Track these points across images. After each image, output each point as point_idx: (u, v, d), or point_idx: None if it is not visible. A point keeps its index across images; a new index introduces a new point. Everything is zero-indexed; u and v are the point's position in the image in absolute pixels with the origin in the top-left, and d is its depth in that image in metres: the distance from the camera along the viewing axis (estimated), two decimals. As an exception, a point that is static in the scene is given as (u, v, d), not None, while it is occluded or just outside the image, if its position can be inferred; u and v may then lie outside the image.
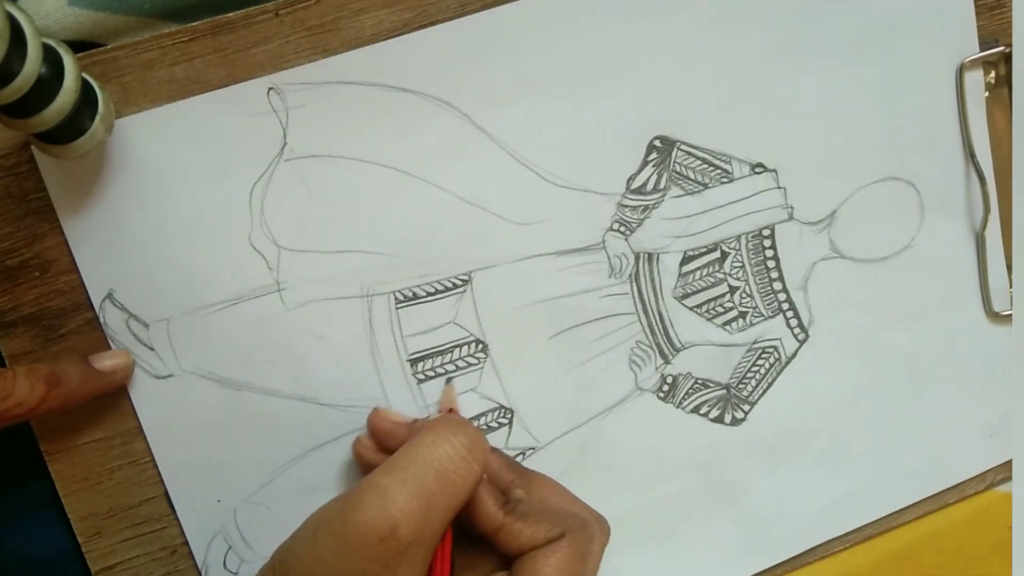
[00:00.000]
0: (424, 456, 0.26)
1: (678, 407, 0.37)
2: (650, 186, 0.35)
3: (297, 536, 0.26)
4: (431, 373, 0.35)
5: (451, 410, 0.33)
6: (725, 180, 0.36)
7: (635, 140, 0.35)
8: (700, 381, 0.37)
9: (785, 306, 0.37)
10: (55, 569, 0.34)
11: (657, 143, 0.35)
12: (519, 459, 0.36)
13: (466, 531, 0.30)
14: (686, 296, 0.36)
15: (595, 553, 0.29)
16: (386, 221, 0.33)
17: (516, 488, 0.30)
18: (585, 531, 0.28)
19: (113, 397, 0.33)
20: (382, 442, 0.33)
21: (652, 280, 0.36)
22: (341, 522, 0.25)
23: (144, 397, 0.33)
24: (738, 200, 0.36)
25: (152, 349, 0.32)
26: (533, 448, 0.36)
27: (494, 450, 0.31)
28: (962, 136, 0.38)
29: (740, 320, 0.37)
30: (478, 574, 0.28)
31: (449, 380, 0.34)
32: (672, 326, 0.36)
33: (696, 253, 0.36)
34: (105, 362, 0.31)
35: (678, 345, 0.37)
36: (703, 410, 0.37)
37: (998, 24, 0.37)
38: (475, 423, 0.35)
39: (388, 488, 0.25)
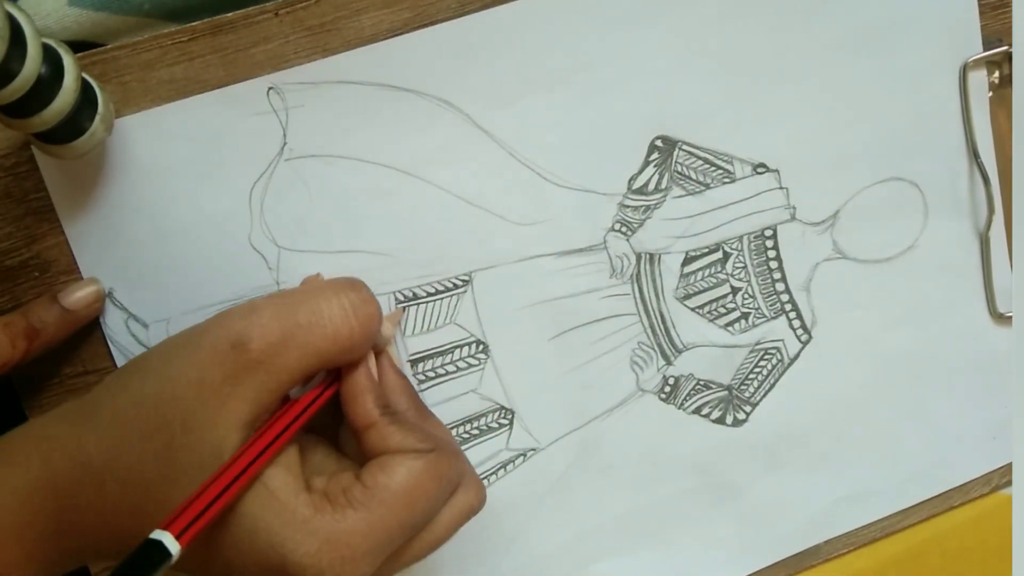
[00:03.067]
0: (307, 295, 0.26)
1: (679, 408, 0.37)
2: (652, 186, 0.35)
3: (155, 346, 0.26)
4: (431, 374, 0.34)
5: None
6: (727, 180, 0.36)
7: (636, 140, 0.35)
8: (702, 382, 0.37)
9: (788, 307, 0.37)
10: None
11: (659, 143, 0.35)
12: (519, 460, 0.36)
13: (344, 450, 0.29)
14: (688, 297, 0.36)
15: (458, 500, 0.27)
16: (386, 221, 0.33)
17: (409, 415, 0.28)
18: (457, 462, 0.27)
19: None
20: None
21: (654, 281, 0.36)
22: (202, 327, 0.25)
23: (144, 398, 0.33)
24: (740, 200, 0.36)
25: (152, 349, 0.32)
26: (534, 449, 0.36)
27: (400, 375, 0.30)
28: (965, 136, 0.38)
29: (742, 321, 0.37)
30: (331, 474, 0.26)
31: (402, 307, 0.33)
32: (674, 327, 0.36)
33: (698, 254, 0.36)
34: (75, 296, 0.31)
35: (680, 346, 0.36)
36: (705, 411, 0.37)
37: (1002, 23, 0.37)
38: (475, 423, 0.35)
39: (258, 307, 0.25)
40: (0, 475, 0.25)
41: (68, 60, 0.26)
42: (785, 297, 0.37)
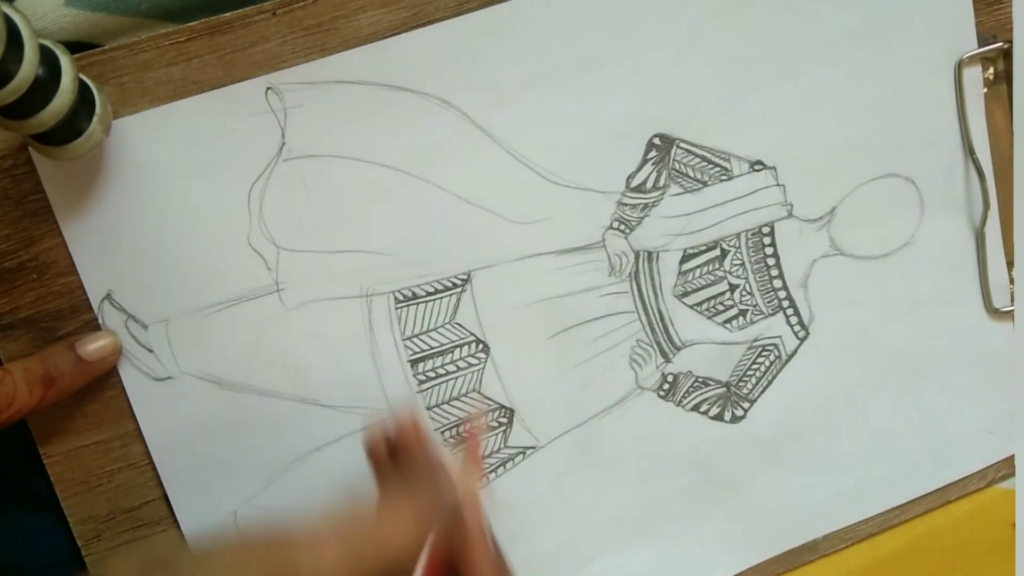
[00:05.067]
0: (370, 523, 0.25)
1: (678, 405, 0.37)
2: (650, 184, 0.35)
3: (216, 559, 0.25)
4: (432, 374, 0.34)
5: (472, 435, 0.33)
6: (724, 178, 0.36)
7: (634, 138, 0.35)
8: (700, 379, 0.37)
9: (785, 304, 0.37)
10: (55, 572, 0.34)
11: (656, 141, 0.35)
12: (519, 459, 0.36)
13: None
14: (686, 294, 0.36)
15: None
16: (385, 221, 0.33)
17: None
18: None
19: (111, 400, 0.33)
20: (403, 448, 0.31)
21: (652, 278, 0.36)
22: (266, 558, 0.24)
23: (143, 399, 0.33)
24: (737, 198, 0.36)
25: (151, 351, 0.32)
26: (533, 447, 0.36)
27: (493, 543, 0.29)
28: (961, 132, 0.38)
29: (740, 318, 0.37)
30: None
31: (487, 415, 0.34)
32: (672, 324, 0.36)
33: (696, 251, 0.36)
34: (91, 347, 0.31)
35: (678, 343, 0.37)
36: (703, 408, 0.37)
37: (996, 20, 0.37)
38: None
39: (325, 542, 0.24)
40: None
41: (65, 61, 0.26)
42: (783, 294, 0.37)
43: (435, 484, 0.27)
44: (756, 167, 0.36)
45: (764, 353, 0.37)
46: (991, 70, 0.38)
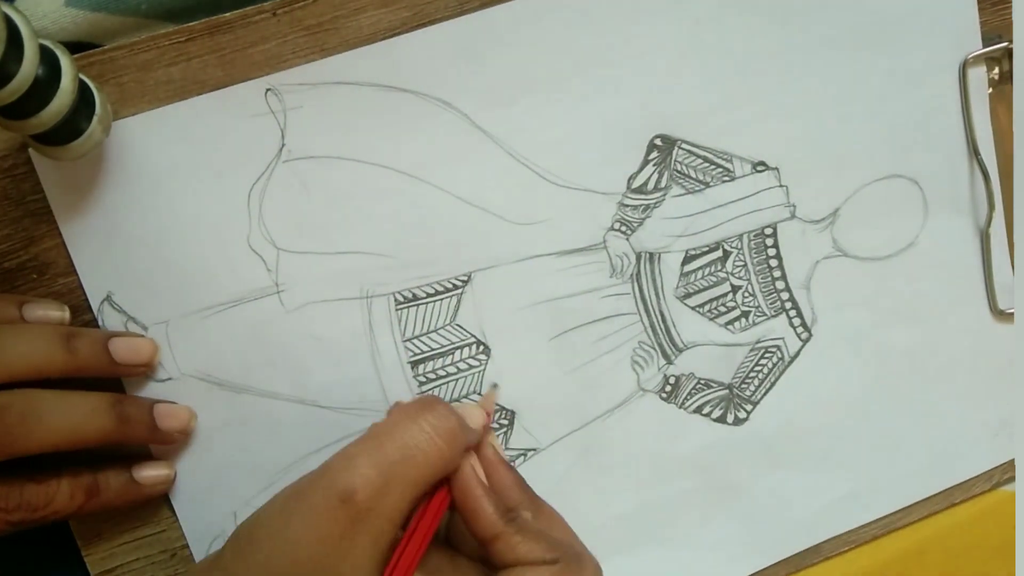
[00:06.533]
0: (391, 430, 0.27)
1: (680, 407, 0.37)
2: (651, 185, 0.35)
3: (265, 506, 0.27)
4: (432, 375, 0.34)
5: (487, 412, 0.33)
6: (727, 179, 0.36)
7: (636, 139, 0.35)
8: (703, 381, 0.37)
9: (788, 305, 0.37)
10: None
11: (658, 142, 0.35)
12: (520, 460, 0.36)
13: (455, 545, 0.30)
14: (688, 296, 0.36)
15: None
16: (385, 222, 0.33)
17: (524, 509, 0.30)
18: (580, 564, 0.28)
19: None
20: None
21: (654, 280, 0.36)
22: (309, 486, 0.26)
23: (143, 400, 0.32)
24: (740, 199, 0.36)
25: (151, 352, 0.32)
26: (535, 449, 0.36)
27: (509, 468, 0.31)
28: (965, 133, 0.37)
29: (743, 320, 0.37)
30: (446, 572, 0.28)
31: (495, 385, 0.35)
32: (674, 326, 0.36)
33: (698, 252, 0.36)
34: (146, 472, 0.32)
35: (680, 345, 0.36)
36: (705, 410, 0.37)
37: (1001, 20, 0.37)
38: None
39: (353, 456, 0.26)
40: None
41: (65, 61, 0.26)
42: (785, 295, 0.37)
43: (456, 414, 0.28)
44: (759, 168, 0.36)
45: (767, 355, 0.37)
46: (996, 70, 0.37)
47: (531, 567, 0.27)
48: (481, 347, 0.35)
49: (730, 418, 0.37)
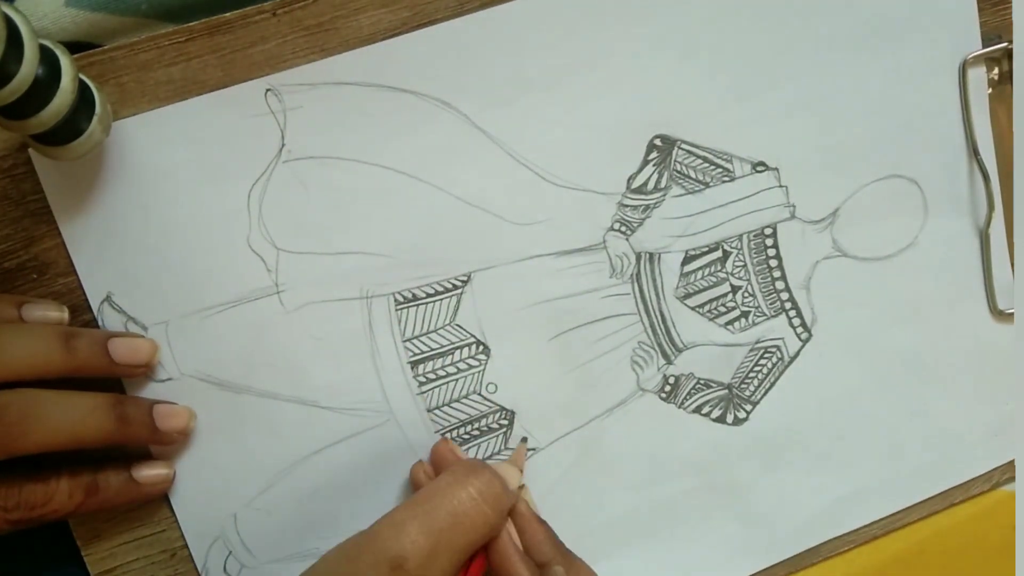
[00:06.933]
0: (439, 496, 0.27)
1: (680, 407, 0.37)
2: (651, 185, 0.35)
3: (314, 568, 0.27)
4: (432, 376, 0.34)
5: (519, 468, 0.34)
6: (726, 179, 0.36)
7: (635, 139, 0.35)
8: (702, 381, 0.37)
9: (788, 305, 0.37)
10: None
11: (657, 142, 0.35)
12: (521, 461, 0.36)
13: None
14: (688, 296, 0.36)
15: None
16: (385, 222, 0.33)
17: (556, 566, 0.30)
18: None
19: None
20: (439, 470, 0.33)
21: (653, 280, 0.36)
22: (357, 551, 0.26)
23: (143, 400, 0.32)
24: (740, 199, 0.36)
25: (151, 352, 0.32)
26: (535, 449, 0.36)
27: (541, 523, 0.32)
28: (965, 133, 0.37)
29: (742, 320, 0.37)
30: None
31: (525, 439, 0.35)
32: (674, 326, 0.36)
33: (698, 252, 0.36)
34: (145, 472, 0.32)
35: (680, 345, 0.36)
36: (705, 410, 0.37)
37: (1001, 20, 0.37)
38: (476, 424, 0.35)
39: (403, 522, 0.26)
40: None
41: (65, 61, 0.26)
42: (785, 295, 0.37)
43: (500, 478, 0.29)
44: (758, 168, 0.36)
45: (766, 355, 0.37)
46: (995, 70, 0.37)
47: None
48: (481, 347, 0.35)
49: (730, 418, 0.37)
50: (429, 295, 0.34)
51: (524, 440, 0.35)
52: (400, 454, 0.34)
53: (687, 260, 0.36)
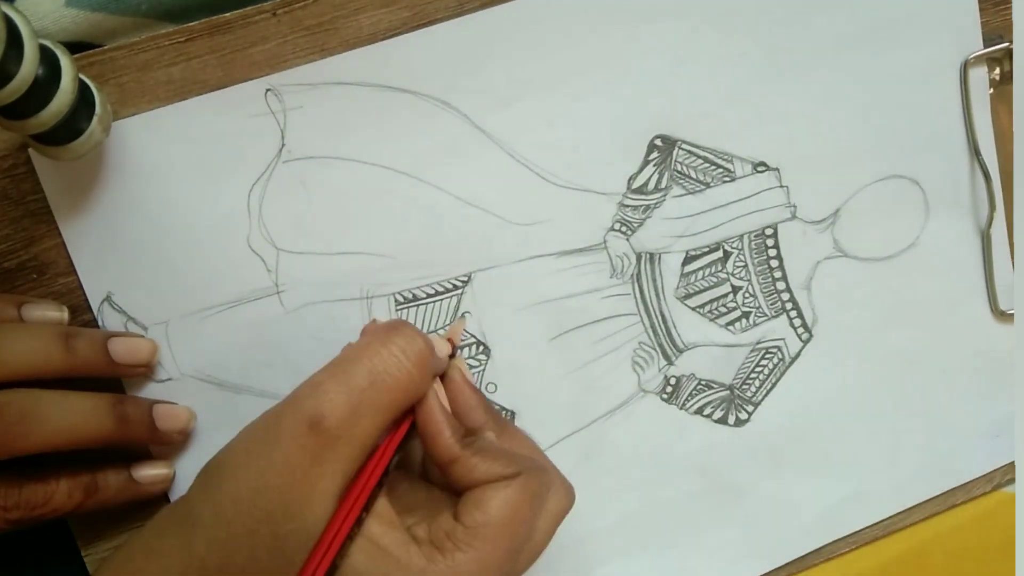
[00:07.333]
0: (359, 354, 0.26)
1: (681, 408, 0.37)
2: (651, 185, 0.35)
3: (233, 440, 0.26)
4: (432, 375, 0.34)
5: (451, 339, 0.32)
6: (727, 179, 0.36)
7: (636, 139, 0.35)
8: (703, 382, 0.37)
9: (788, 306, 0.37)
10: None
11: (658, 142, 0.35)
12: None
13: (429, 476, 0.30)
14: (688, 296, 0.36)
15: (550, 509, 0.28)
16: (385, 222, 0.33)
17: (488, 430, 0.29)
18: (543, 476, 0.28)
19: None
20: None
21: (654, 280, 0.36)
22: (275, 415, 0.26)
23: (143, 400, 0.32)
24: (740, 199, 0.36)
25: (151, 352, 0.32)
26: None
27: (474, 390, 0.30)
28: (966, 133, 0.37)
29: (743, 320, 0.37)
30: (425, 511, 0.27)
31: (465, 315, 0.34)
32: (675, 327, 0.36)
33: (698, 253, 0.36)
34: (144, 471, 0.32)
35: (681, 346, 0.36)
36: (707, 411, 0.37)
37: (1003, 20, 0.37)
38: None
39: (320, 383, 0.26)
40: None
41: (65, 61, 0.26)
42: (786, 296, 0.37)
43: (425, 336, 0.28)
44: (759, 168, 0.36)
45: (767, 356, 0.37)
46: (997, 70, 0.37)
47: (490, 485, 0.27)
48: (481, 347, 0.35)
49: (731, 419, 0.37)
50: (429, 295, 0.34)
51: (464, 315, 0.34)
52: (400, 454, 0.34)
53: (688, 260, 0.36)
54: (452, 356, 0.31)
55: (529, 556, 0.28)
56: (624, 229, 0.35)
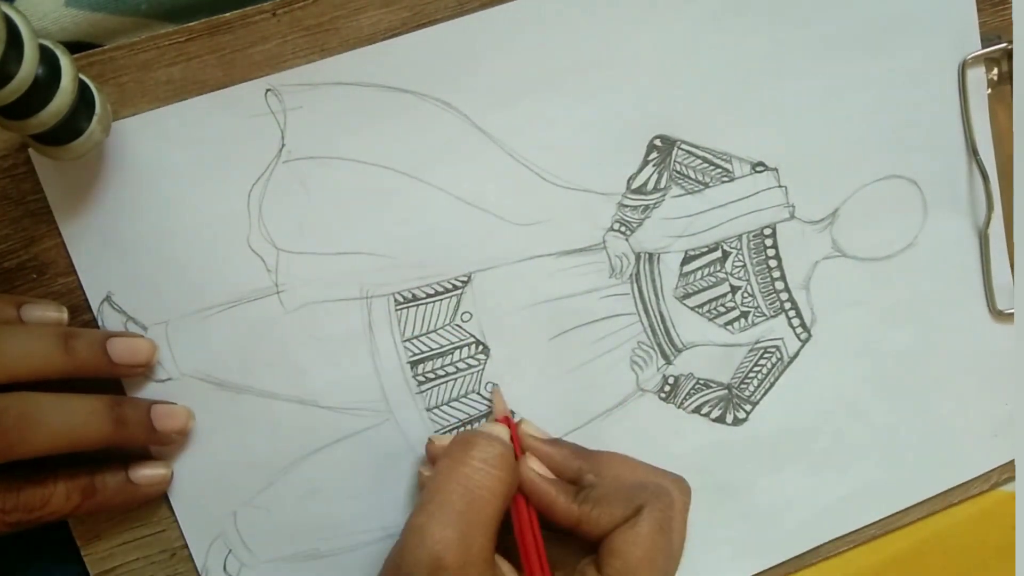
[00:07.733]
0: (446, 484, 0.27)
1: (679, 408, 0.37)
2: (650, 186, 0.35)
3: None
4: (431, 375, 0.34)
5: (506, 417, 0.33)
6: (726, 179, 0.36)
7: (635, 139, 0.35)
8: (702, 381, 0.37)
9: (787, 305, 0.37)
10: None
11: (657, 142, 0.35)
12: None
13: (551, 526, 0.30)
14: (687, 296, 0.36)
15: (677, 518, 0.30)
16: (385, 222, 0.33)
17: (587, 474, 0.30)
18: (661, 499, 0.29)
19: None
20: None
21: (653, 280, 0.36)
22: (395, 569, 0.26)
23: (143, 400, 0.32)
24: (739, 199, 0.36)
25: (151, 352, 0.32)
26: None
27: (556, 441, 0.31)
28: (965, 133, 0.38)
29: (742, 320, 0.37)
30: (569, 567, 0.29)
31: (494, 386, 0.35)
32: (673, 326, 0.36)
33: (697, 253, 0.36)
34: (143, 472, 0.32)
35: (679, 345, 0.36)
36: (705, 410, 0.37)
37: (1001, 20, 0.37)
38: (475, 423, 0.35)
39: (423, 526, 0.26)
40: None
41: (65, 61, 0.26)
42: (784, 295, 0.37)
43: (496, 436, 0.29)
44: (758, 168, 0.36)
45: (766, 355, 0.37)
46: (995, 71, 0.37)
47: (619, 530, 0.28)
48: (480, 347, 0.35)
49: (729, 418, 0.37)
50: (429, 295, 0.34)
51: (495, 385, 0.34)
52: (399, 453, 0.34)
53: (686, 260, 0.36)
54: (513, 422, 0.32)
55: (676, 563, 0.29)
56: (623, 229, 0.35)
